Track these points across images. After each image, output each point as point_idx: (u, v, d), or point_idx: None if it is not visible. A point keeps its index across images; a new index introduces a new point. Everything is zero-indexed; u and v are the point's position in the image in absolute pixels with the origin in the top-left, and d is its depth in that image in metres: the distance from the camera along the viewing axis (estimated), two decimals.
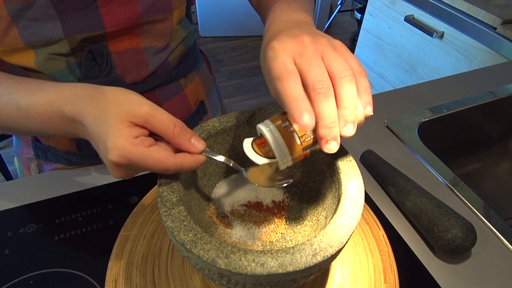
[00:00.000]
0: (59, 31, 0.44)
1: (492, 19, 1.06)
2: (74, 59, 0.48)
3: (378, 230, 0.48)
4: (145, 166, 0.31)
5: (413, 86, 0.80)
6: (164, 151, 0.32)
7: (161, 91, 0.57)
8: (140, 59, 0.52)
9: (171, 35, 0.54)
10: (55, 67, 0.47)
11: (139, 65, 0.53)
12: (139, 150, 0.31)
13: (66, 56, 0.47)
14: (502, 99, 0.76)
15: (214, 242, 0.30)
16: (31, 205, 0.51)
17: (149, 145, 0.32)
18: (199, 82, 0.65)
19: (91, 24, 0.46)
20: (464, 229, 0.44)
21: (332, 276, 0.43)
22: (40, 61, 0.45)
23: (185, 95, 0.62)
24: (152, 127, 0.33)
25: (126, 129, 0.31)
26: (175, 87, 0.59)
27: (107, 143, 0.31)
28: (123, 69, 0.51)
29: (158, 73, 0.56)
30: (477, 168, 0.81)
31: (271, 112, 0.42)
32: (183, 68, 0.60)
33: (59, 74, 0.48)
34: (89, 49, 0.47)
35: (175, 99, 0.60)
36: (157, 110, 0.33)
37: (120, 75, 0.51)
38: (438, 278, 0.45)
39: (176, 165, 0.32)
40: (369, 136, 0.65)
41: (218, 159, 0.36)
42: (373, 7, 1.51)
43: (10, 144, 1.75)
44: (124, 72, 0.52)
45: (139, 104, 0.32)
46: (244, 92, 2.30)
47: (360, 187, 0.35)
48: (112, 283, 0.41)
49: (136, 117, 0.32)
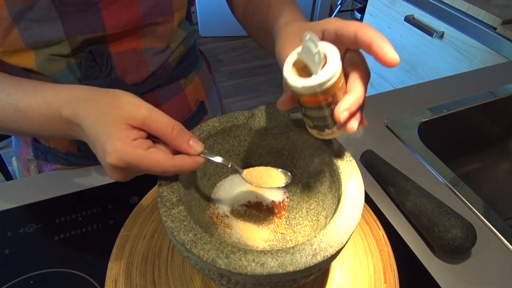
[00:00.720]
0: (60, 33, 0.44)
1: (492, 19, 1.06)
2: (75, 60, 0.48)
3: (378, 230, 0.48)
4: (144, 169, 0.31)
5: (413, 86, 0.80)
6: (162, 153, 0.32)
7: (161, 92, 0.57)
8: (140, 60, 0.52)
9: (171, 36, 0.54)
10: (55, 67, 0.47)
11: (139, 66, 0.53)
12: (138, 153, 0.31)
13: (67, 57, 0.47)
14: (502, 99, 0.76)
15: (214, 242, 0.30)
16: (31, 205, 0.51)
17: (148, 147, 0.32)
18: (199, 82, 0.65)
19: (92, 26, 0.46)
20: (464, 229, 0.44)
21: (332, 276, 0.43)
22: (41, 62, 0.45)
23: (185, 95, 0.62)
24: (150, 129, 0.33)
25: (124, 131, 0.31)
26: (175, 88, 0.59)
27: (105, 147, 0.31)
28: (123, 69, 0.51)
29: (158, 73, 0.56)
30: (477, 168, 0.81)
31: (271, 112, 0.42)
32: (183, 69, 0.60)
33: (59, 74, 0.48)
34: (89, 50, 0.47)
35: (175, 100, 0.60)
36: (155, 112, 0.33)
37: (120, 75, 0.51)
38: (438, 278, 0.45)
39: (175, 167, 0.32)
40: (369, 136, 0.65)
41: (216, 160, 0.36)
42: (373, 7, 1.51)
43: (10, 144, 1.74)
44: (124, 73, 0.52)
45: (137, 106, 0.32)
46: (244, 92, 2.30)
47: (360, 187, 0.35)
48: (112, 283, 0.41)
49: (134, 119, 0.32)
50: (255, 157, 0.46)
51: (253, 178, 0.40)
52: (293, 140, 0.43)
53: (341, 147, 0.39)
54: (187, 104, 0.63)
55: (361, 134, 0.65)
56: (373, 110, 0.71)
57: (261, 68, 2.54)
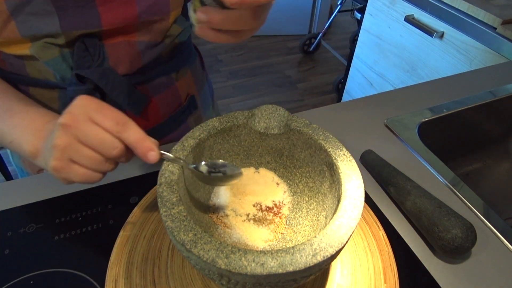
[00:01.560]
0: (56, 27, 0.45)
1: (492, 19, 1.06)
2: (68, 49, 0.48)
3: (378, 230, 0.48)
4: (90, 134, 0.34)
5: (413, 86, 0.80)
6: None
7: (152, 84, 0.58)
8: (132, 52, 0.52)
9: (166, 32, 0.54)
10: (49, 55, 0.47)
11: (132, 58, 0.53)
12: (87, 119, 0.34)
13: (60, 46, 0.47)
14: (502, 99, 0.76)
15: (214, 242, 0.30)
16: (31, 205, 0.51)
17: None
18: (190, 77, 0.65)
19: (89, 22, 0.46)
20: (464, 229, 0.44)
21: (332, 276, 0.43)
22: (35, 49, 0.46)
23: (176, 88, 0.62)
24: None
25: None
26: (166, 81, 0.60)
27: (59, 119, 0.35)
28: (116, 60, 0.51)
29: (151, 66, 0.56)
30: (477, 168, 0.81)
31: (271, 112, 0.42)
32: (175, 63, 0.60)
33: (53, 62, 0.48)
34: (82, 40, 0.48)
35: (166, 92, 0.60)
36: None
37: (113, 66, 0.51)
38: (438, 278, 0.45)
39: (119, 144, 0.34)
40: (369, 136, 0.65)
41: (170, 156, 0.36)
42: (373, 7, 1.51)
43: None
44: (117, 63, 0.52)
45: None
46: (244, 92, 2.30)
47: (360, 187, 0.35)
48: (112, 283, 0.41)
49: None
50: (255, 157, 0.46)
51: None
52: (293, 140, 0.43)
53: (341, 147, 0.39)
54: (177, 97, 0.63)
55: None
56: (373, 110, 0.71)
57: (261, 68, 2.54)
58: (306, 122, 0.42)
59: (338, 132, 0.64)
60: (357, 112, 0.71)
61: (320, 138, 0.40)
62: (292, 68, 2.59)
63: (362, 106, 0.73)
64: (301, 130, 0.41)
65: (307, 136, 0.41)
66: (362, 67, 1.70)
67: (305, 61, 2.68)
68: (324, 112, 0.71)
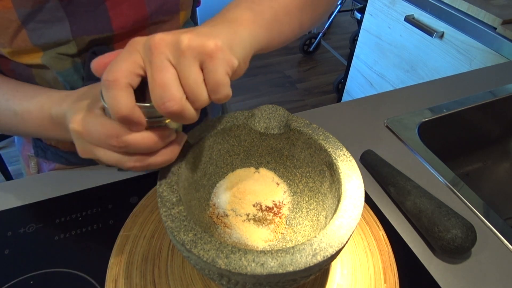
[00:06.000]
0: (67, 33, 0.44)
1: (492, 19, 1.06)
2: (80, 60, 0.48)
3: (378, 230, 0.48)
4: (95, 127, 0.30)
5: (413, 86, 0.80)
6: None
7: None
8: None
9: None
10: (61, 66, 0.47)
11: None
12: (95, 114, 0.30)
13: (73, 57, 0.47)
14: (502, 99, 0.76)
15: (214, 242, 0.30)
16: (31, 205, 0.51)
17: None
18: None
19: (100, 26, 0.46)
20: (464, 229, 0.44)
21: (332, 276, 0.43)
22: (47, 59, 0.46)
23: None
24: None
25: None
26: None
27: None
28: None
29: None
30: (477, 168, 0.81)
31: (271, 112, 0.42)
32: None
33: (65, 73, 0.48)
34: (93, 51, 0.47)
35: None
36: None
37: None
38: (438, 278, 0.45)
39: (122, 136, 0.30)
40: (369, 136, 0.65)
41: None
42: (373, 7, 1.51)
43: (10, 144, 1.74)
44: None
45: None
46: (244, 92, 2.30)
47: (360, 187, 0.35)
48: (112, 283, 0.41)
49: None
50: (255, 157, 0.46)
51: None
52: (293, 140, 0.43)
53: (341, 147, 0.39)
54: None
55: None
56: (373, 110, 0.72)
57: (261, 68, 2.54)
58: (306, 122, 0.42)
59: (338, 132, 0.64)
60: (357, 112, 0.71)
61: (320, 138, 0.40)
62: (292, 68, 2.59)
63: (362, 106, 0.73)
64: (301, 130, 0.41)
65: (307, 136, 0.41)
66: (362, 67, 1.70)
67: (305, 61, 2.68)
68: (324, 112, 0.71)
